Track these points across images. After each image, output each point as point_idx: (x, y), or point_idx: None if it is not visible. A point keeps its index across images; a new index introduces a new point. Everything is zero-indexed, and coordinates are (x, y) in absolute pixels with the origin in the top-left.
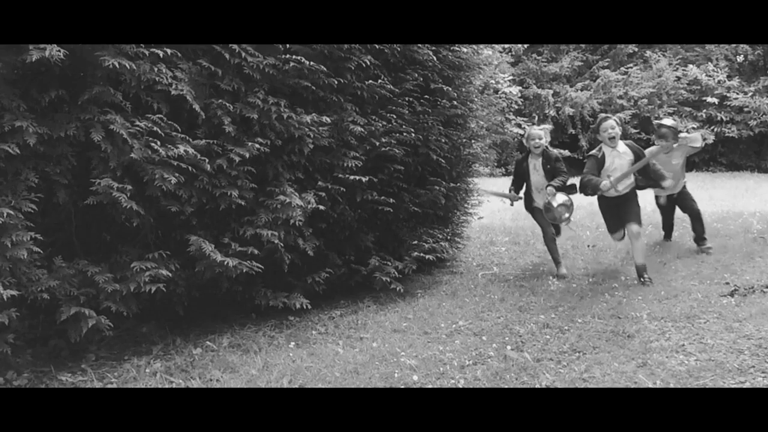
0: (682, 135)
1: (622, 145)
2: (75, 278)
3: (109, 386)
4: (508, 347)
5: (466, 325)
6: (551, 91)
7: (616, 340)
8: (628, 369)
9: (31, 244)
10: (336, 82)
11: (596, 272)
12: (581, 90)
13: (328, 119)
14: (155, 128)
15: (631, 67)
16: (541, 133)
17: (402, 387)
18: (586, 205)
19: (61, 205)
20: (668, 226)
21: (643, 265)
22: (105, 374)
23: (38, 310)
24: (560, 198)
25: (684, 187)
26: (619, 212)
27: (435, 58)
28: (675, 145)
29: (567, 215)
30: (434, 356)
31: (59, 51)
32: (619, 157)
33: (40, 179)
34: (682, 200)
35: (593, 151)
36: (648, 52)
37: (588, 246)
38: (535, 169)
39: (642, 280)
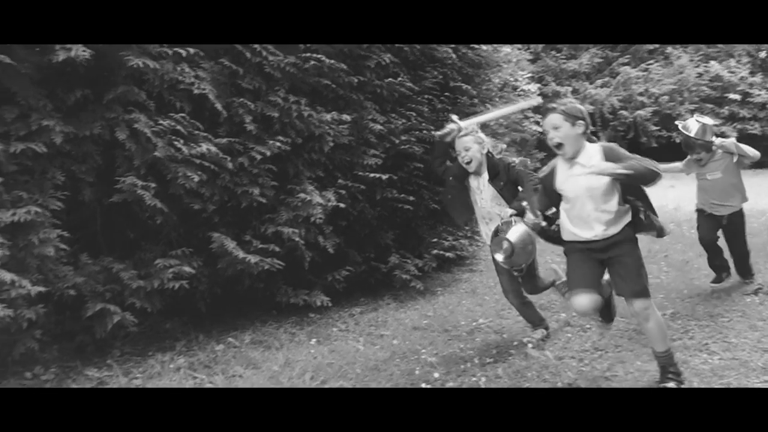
0: (717, 141)
1: (587, 152)
2: (100, 275)
3: (134, 381)
4: (530, 345)
5: (487, 323)
6: (570, 89)
7: (638, 338)
8: (651, 368)
9: (58, 242)
10: (356, 81)
11: None
12: (601, 87)
13: (347, 117)
14: (178, 127)
15: (652, 64)
16: (467, 141)
17: (424, 385)
18: None
19: (87, 203)
20: (717, 264)
21: (665, 353)
22: (130, 369)
23: (64, 306)
24: (516, 232)
25: (739, 213)
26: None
27: (454, 56)
28: (716, 153)
29: (511, 256)
30: (455, 354)
31: (85, 51)
32: (583, 175)
33: (66, 177)
34: (731, 233)
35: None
36: (669, 49)
37: None
38: (479, 189)
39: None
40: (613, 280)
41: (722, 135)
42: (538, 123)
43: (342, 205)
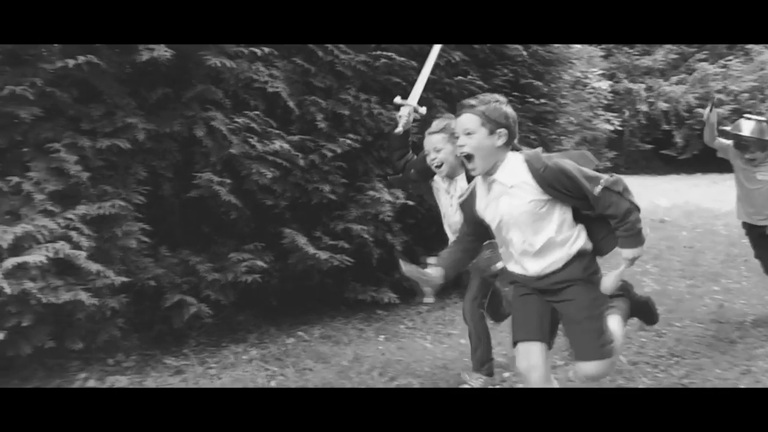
0: None
1: (508, 166)
2: (178, 267)
3: (209, 370)
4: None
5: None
6: (644, 86)
7: (717, 345)
8: (731, 376)
9: (140, 234)
10: (431, 77)
11: (694, 275)
12: (676, 84)
13: (417, 115)
14: (252, 124)
15: (731, 60)
16: (437, 140)
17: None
18: (681, 204)
19: (166, 197)
20: None
21: None
22: (205, 359)
23: (144, 296)
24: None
25: None
26: None
27: (525, 54)
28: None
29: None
30: None
31: (166, 51)
32: (505, 195)
33: (148, 173)
34: None
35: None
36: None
37: (684, 247)
38: (449, 194)
39: None
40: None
41: None
42: (609, 121)
43: (411, 202)
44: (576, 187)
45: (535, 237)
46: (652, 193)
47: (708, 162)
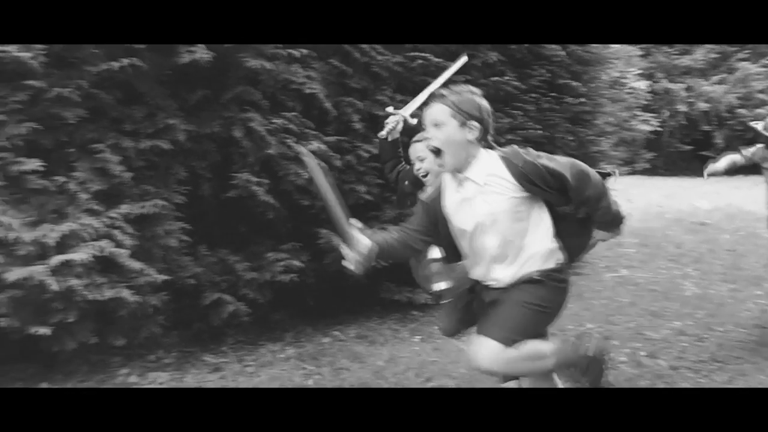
0: None
1: (481, 163)
2: (216, 266)
3: (247, 368)
4: (642, 353)
5: (594, 329)
6: (683, 85)
7: (761, 351)
8: None
9: (180, 233)
10: (462, 79)
11: (736, 279)
12: (717, 84)
13: None
14: (290, 125)
15: None
16: (420, 149)
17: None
18: (723, 206)
19: (205, 197)
20: None
21: None
22: (243, 357)
23: (183, 294)
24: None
25: None
26: None
27: (562, 53)
28: None
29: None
30: None
31: (207, 53)
32: (480, 195)
33: (188, 173)
34: None
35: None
36: None
37: (726, 250)
38: None
39: None
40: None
41: None
42: (647, 121)
43: None
44: (557, 178)
45: (512, 241)
46: (692, 196)
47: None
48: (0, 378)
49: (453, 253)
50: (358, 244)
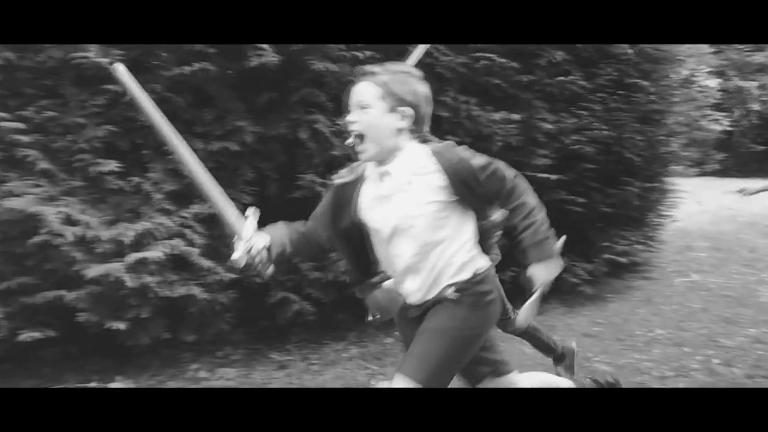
0: None
1: (407, 157)
2: (282, 265)
3: (312, 366)
4: (715, 361)
5: (665, 335)
6: (756, 83)
7: None
8: None
9: None
10: (526, 79)
11: None
12: None
13: (517, 116)
14: None
15: None
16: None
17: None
18: None
19: (271, 197)
20: None
21: None
22: (307, 356)
23: (250, 293)
24: None
25: None
26: None
27: (630, 52)
28: None
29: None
30: (631, 365)
31: (274, 57)
32: (401, 192)
33: (255, 174)
34: None
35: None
36: None
37: None
38: None
39: None
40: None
41: None
42: (718, 121)
43: None
44: (493, 180)
45: (429, 251)
46: (765, 198)
47: None
48: (77, 371)
49: (363, 257)
50: (244, 232)
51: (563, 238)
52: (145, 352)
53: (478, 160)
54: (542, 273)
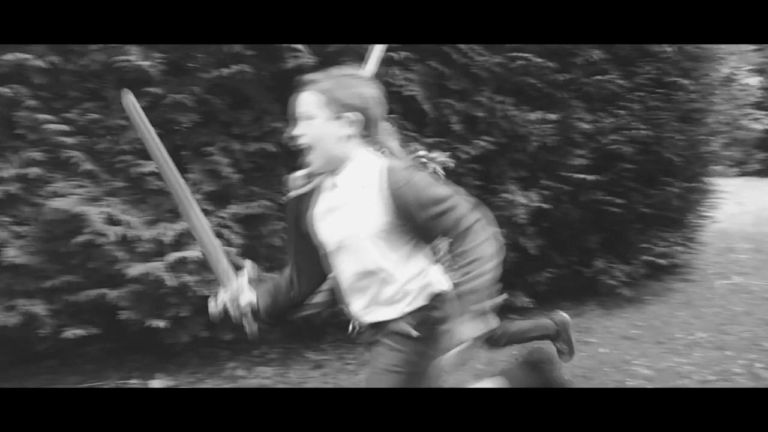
0: None
1: (355, 168)
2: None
3: (347, 366)
4: (758, 365)
5: (706, 338)
6: None
7: None
8: None
9: (283, 233)
10: (562, 78)
11: None
12: None
13: (553, 116)
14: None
15: None
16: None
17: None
18: None
19: None
20: None
21: None
22: (342, 355)
23: None
24: None
25: None
26: None
27: (669, 50)
28: None
29: None
30: (671, 368)
31: (311, 58)
32: (346, 207)
33: (290, 174)
34: None
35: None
36: None
37: None
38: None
39: None
40: None
41: None
42: (759, 120)
43: (546, 206)
44: (442, 218)
45: (375, 273)
46: None
47: None
48: (118, 368)
49: (312, 271)
50: (232, 285)
51: (503, 296)
52: (185, 350)
53: (433, 192)
54: (460, 331)
